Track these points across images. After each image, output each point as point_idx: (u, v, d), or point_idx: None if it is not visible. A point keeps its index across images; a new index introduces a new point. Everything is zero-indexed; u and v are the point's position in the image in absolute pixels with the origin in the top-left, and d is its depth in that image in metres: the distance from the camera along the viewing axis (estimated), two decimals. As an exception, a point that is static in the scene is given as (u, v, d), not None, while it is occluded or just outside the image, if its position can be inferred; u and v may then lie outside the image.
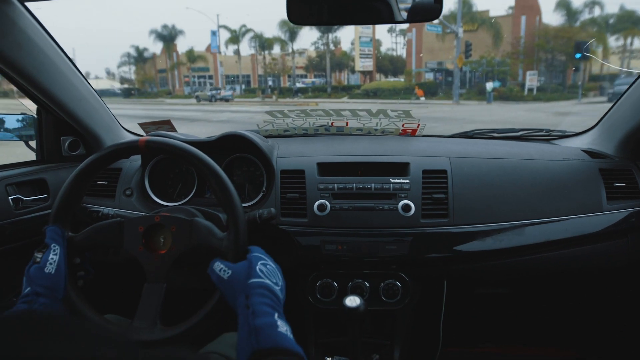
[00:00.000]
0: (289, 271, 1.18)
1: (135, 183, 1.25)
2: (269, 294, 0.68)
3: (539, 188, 1.18)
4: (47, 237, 0.82)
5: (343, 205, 1.14)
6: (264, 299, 0.67)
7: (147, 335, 0.77)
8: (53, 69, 1.16)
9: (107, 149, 0.86)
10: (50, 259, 0.78)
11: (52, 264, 0.78)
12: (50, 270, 0.77)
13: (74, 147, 1.39)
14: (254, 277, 0.70)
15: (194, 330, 0.77)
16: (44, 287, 0.76)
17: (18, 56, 1.05)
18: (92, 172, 0.87)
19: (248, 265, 0.72)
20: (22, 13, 1.02)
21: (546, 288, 1.43)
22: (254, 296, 0.67)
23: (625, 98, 1.28)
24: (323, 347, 1.26)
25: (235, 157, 1.26)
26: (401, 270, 1.18)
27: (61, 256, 0.80)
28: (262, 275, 0.71)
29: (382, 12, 0.96)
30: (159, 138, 0.85)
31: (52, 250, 0.79)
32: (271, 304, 0.67)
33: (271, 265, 0.75)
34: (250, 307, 0.65)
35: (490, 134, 1.52)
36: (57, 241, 0.81)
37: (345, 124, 1.47)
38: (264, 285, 0.69)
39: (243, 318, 0.64)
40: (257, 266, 0.72)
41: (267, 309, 0.65)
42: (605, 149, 1.31)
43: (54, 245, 0.80)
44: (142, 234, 0.83)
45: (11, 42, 1.02)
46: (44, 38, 1.11)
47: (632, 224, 1.16)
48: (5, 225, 1.14)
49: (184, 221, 0.83)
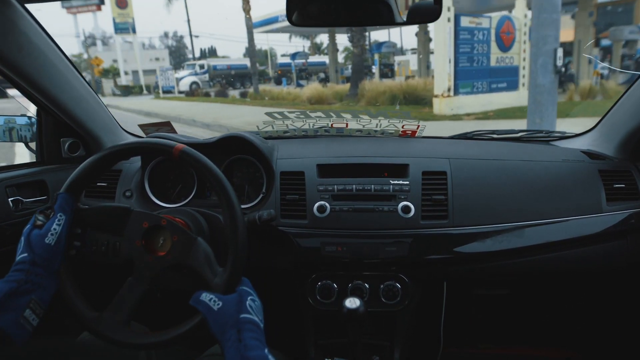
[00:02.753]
0: (288, 273, 1.19)
1: (135, 184, 1.25)
2: (257, 329, 0.71)
3: (538, 189, 1.18)
4: (57, 204, 0.81)
5: (343, 207, 1.14)
6: (254, 334, 0.69)
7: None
8: (53, 70, 1.16)
9: (144, 142, 0.87)
10: (52, 228, 0.77)
11: (54, 235, 0.77)
12: (50, 240, 0.77)
13: (74, 148, 1.39)
14: (244, 312, 0.72)
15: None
16: (42, 258, 0.75)
17: (18, 58, 1.05)
18: (119, 158, 0.88)
19: (238, 299, 0.74)
20: (22, 14, 1.02)
21: (546, 289, 1.43)
22: (245, 331, 0.69)
23: (625, 99, 1.28)
24: (323, 348, 1.26)
25: (235, 158, 1.26)
26: (401, 272, 1.18)
27: (64, 228, 0.79)
28: (252, 311, 0.73)
29: (382, 13, 0.96)
30: (193, 151, 0.85)
31: (56, 220, 0.78)
32: (260, 338, 0.69)
33: (258, 302, 0.77)
34: (242, 340, 0.67)
35: (489, 135, 1.52)
36: (65, 211, 0.80)
37: (345, 125, 1.47)
38: (253, 321, 0.72)
39: (234, 350, 0.66)
40: (247, 301, 0.74)
41: (258, 344, 0.68)
42: (605, 150, 1.32)
43: (60, 214, 0.79)
44: (145, 231, 0.83)
45: (11, 44, 1.02)
46: (44, 40, 1.11)
47: (631, 225, 1.16)
48: (5, 227, 1.14)
49: (187, 236, 0.83)
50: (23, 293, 0.73)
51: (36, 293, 0.74)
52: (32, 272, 0.74)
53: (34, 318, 0.72)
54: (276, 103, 14.36)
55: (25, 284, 0.73)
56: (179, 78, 22.31)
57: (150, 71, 25.91)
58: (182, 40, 43.00)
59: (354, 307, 0.95)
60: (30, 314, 0.72)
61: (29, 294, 0.73)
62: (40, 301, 0.74)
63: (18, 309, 0.71)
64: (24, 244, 0.77)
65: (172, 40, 43.20)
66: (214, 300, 0.72)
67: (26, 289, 0.73)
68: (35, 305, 0.73)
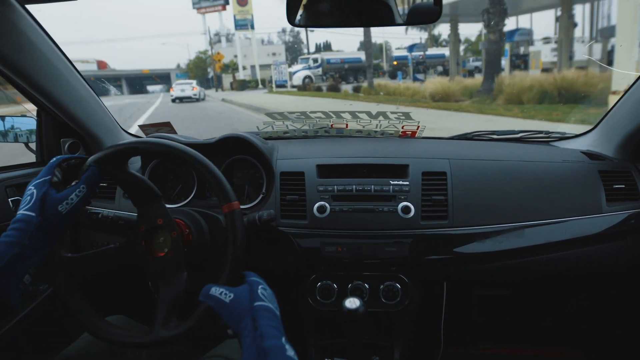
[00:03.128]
0: (288, 273, 1.19)
1: None
2: (274, 317, 0.68)
3: (538, 190, 1.18)
4: (86, 174, 0.79)
5: (343, 207, 1.14)
6: (270, 322, 0.66)
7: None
8: (53, 71, 1.16)
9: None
10: (70, 198, 0.76)
11: (69, 205, 0.75)
12: (63, 209, 0.75)
13: (74, 149, 1.39)
14: (258, 300, 0.70)
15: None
16: (49, 223, 0.73)
17: (18, 58, 1.05)
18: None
19: (250, 288, 0.73)
20: (22, 15, 1.02)
21: (546, 289, 1.43)
22: (261, 319, 0.66)
23: (625, 100, 1.28)
24: (323, 349, 1.26)
25: (235, 159, 1.26)
26: (401, 272, 1.18)
27: (81, 200, 0.77)
28: (265, 298, 0.71)
29: (382, 14, 0.97)
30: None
31: (77, 190, 0.77)
32: (277, 326, 0.67)
33: (269, 290, 0.76)
34: (258, 328, 0.64)
35: (489, 136, 1.52)
36: (89, 184, 0.79)
37: (345, 125, 1.47)
38: (269, 308, 0.69)
39: (251, 339, 0.63)
40: (258, 290, 0.72)
41: (275, 332, 0.65)
42: (605, 151, 1.32)
43: (83, 186, 0.78)
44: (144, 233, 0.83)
45: (11, 44, 1.02)
46: (44, 40, 1.11)
47: (631, 225, 1.16)
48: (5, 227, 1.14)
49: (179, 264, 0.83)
50: (25, 258, 0.71)
51: (36, 258, 0.73)
52: (35, 236, 0.72)
53: (29, 280, 0.72)
54: (392, 99, 13.03)
55: (28, 249, 0.71)
56: (293, 72, 22.38)
57: (266, 66, 26.52)
58: (298, 35, 43.65)
59: (354, 307, 0.95)
60: (28, 278, 0.72)
61: (30, 259, 0.71)
62: (36, 264, 0.73)
63: (19, 275, 0.70)
64: (36, 202, 0.74)
65: (288, 36, 43.74)
66: (224, 294, 0.71)
67: (28, 254, 0.71)
68: (33, 270, 0.73)
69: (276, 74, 21.94)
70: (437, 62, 22.97)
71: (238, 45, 28.79)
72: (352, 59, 24.57)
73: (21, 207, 0.74)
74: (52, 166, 0.80)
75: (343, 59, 25.10)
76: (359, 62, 23.10)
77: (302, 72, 22.44)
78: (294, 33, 43.15)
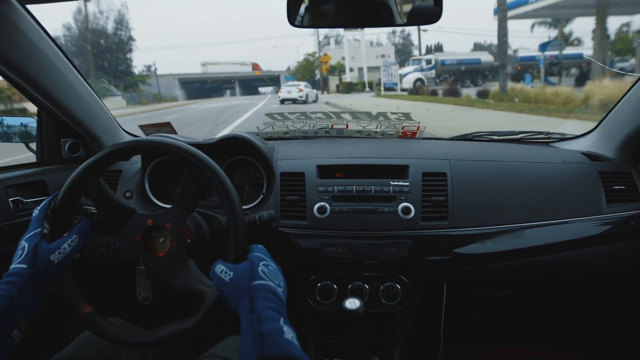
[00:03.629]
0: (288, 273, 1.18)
1: (136, 185, 1.26)
2: (272, 296, 0.66)
3: (538, 191, 1.18)
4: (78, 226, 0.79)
5: (343, 208, 1.14)
6: (268, 303, 0.64)
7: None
8: (53, 71, 1.16)
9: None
10: (62, 247, 0.75)
11: (61, 254, 0.75)
12: (55, 259, 0.74)
13: (74, 149, 1.39)
14: (257, 279, 0.67)
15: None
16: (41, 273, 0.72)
17: (18, 58, 1.05)
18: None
19: (250, 266, 0.70)
20: (22, 15, 1.02)
21: (546, 290, 1.43)
22: (259, 300, 0.64)
23: (625, 101, 1.28)
24: (323, 349, 1.26)
25: (235, 159, 1.26)
26: (401, 273, 1.18)
27: (73, 250, 0.77)
28: (265, 276, 0.68)
29: (382, 15, 0.97)
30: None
31: (69, 240, 0.77)
32: (276, 307, 0.64)
33: (272, 266, 0.73)
34: (255, 311, 0.62)
35: (489, 137, 1.52)
36: (82, 236, 0.79)
37: (345, 126, 1.47)
38: (268, 287, 0.67)
39: (247, 323, 0.62)
40: (259, 267, 0.70)
41: (273, 314, 0.63)
42: (605, 152, 1.32)
43: (75, 237, 0.78)
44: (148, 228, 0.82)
45: (12, 44, 1.02)
46: (45, 40, 1.11)
47: (631, 226, 1.16)
48: (5, 227, 1.14)
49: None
50: (15, 311, 0.68)
51: (26, 311, 0.69)
52: (26, 288, 0.70)
53: (18, 335, 0.68)
54: (538, 108, 9.43)
55: (18, 301, 0.68)
56: (403, 74, 20.39)
57: (374, 68, 25.24)
58: (408, 37, 42.04)
59: (354, 308, 0.95)
60: (17, 333, 0.67)
61: (20, 313, 0.68)
62: (27, 319, 0.70)
63: (7, 330, 0.66)
64: (28, 254, 0.73)
65: (398, 38, 42.23)
66: (225, 272, 0.69)
67: (18, 307, 0.68)
68: (23, 324, 0.69)
69: (385, 75, 19.79)
70: (572, 63, 19.54)
71: (346, 46, 27.23)
72: (469, 60, 21.81)
73: (13, 261, 0.73)
74: (40, 218, 0.79)
75: (459, 60, 21.98)
76: (477, 63, 21.05)
77: (413, 74, 20.28)
78: (404, 34, 41.22)
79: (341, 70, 27.08)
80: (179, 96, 29.41)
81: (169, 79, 29.79)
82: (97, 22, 29.01)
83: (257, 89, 34.80)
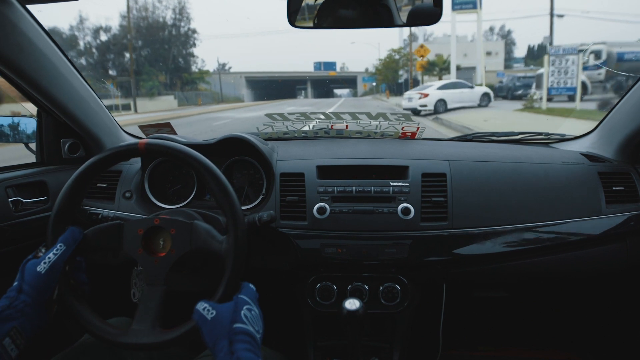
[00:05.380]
0: (288, 274, 1.19)
1: (135, 185, 1.26)
2: (252, 340, 0.67)
3: (538, 191, 1.18)
4: (63, 235, 0.80)
5: (343, 208, 1.14)
6: (247, 345, 0.65)
7: (146, 339, 0.77)
8: (53, 71, 1.16)
9: (108, 152, 0.86)
10: (47, 257, 0.76)
11: (47, 264, 0.76)
12: (41, 269, 0.75)
13: (74, 149, 1.39)
14: (238, 322, 0.68)
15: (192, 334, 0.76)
16: (30, 285, 0.73)
17: (18, 58, 1.05)
18: (93, 175, 0.87)
19: (233, 308, 0.71)
20: (22, 15, 1.02)
21: (546, 291, 1.43)
22: (238, 342, 0.65)
23: (624, 102, 1.28)
24: (322, 349, 1.26)
25: (235, 160, 1.26)
26: (400, 274, 1.18)
27: (60, 258, 0.77)
28: (247, 321, 0.69)
29: (381, 15, 0.97)
30: (159, 141, 0.85)
31: (54, 249, 0.78)
32: (255, 350, 0.66)
33: (255, 311, 0.74)
34: (234, 352, 0.64)
35: (489, 137, 1.52)
36: (68, 243, 0.80)
37: (345, 127, 1.47)
38: (248, 331, 0.68)
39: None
40: (242, 310, 0.71)
41: (252, 356, 0.64)
42: (604, 153, 1.32)
43: (60, 245, 0.79)
44: (142, 237, 0.83)
45: (12, 44, 1.02)
46: (45, 40, 1.11)
47: (631, 227, 1.16)
48: (4, 227, 1.14)
49: (183, 224, 0.83)
50: (4, 319, 0.69)
51: (19, 321, 0.70)
52: (17, 298, 0.71)
53: (12, 348, 0.68)
54: None
55: (8, 309, 0.70)
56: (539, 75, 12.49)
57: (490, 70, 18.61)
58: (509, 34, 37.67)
59: (354, 308, 0.95)
60: (9, 342, 0.68)
61: (11, 321, 0.69)
62: (22, 330, 0.70)
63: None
64: (18, 272, 0.75)
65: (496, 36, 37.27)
66: (207, 309, 0.70)
67: (8, 315, 0.70)
68: (16, 334, 0.69)
69: (555, 73, 10.14)
70: None
71: (453, 37, 19.49)
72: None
73: None
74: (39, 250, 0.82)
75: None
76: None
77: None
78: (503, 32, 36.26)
79: (443, 68, 21.20)
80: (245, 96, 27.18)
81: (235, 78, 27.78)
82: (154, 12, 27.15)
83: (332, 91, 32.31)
